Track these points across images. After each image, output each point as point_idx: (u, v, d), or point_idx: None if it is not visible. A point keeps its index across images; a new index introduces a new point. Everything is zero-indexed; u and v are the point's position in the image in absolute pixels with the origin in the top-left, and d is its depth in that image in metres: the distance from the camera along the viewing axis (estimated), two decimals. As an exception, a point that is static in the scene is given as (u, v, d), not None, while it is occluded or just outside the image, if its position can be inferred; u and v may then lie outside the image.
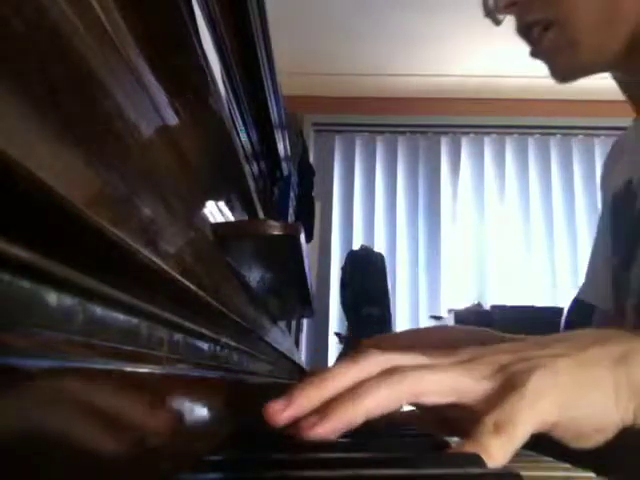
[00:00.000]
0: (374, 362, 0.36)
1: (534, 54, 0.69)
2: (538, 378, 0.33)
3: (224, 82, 0.64)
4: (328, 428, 0.32)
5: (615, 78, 0.71)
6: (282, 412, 0.33)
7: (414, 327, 3.11)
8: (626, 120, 0.78)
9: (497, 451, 0.31)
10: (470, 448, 0.31)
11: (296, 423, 0.33)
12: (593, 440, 0.36)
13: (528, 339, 0.40)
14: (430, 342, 0.64)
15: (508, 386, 0.34)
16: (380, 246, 3.13)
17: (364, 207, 3.28)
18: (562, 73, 0.69)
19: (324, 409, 0.33)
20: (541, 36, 0.65)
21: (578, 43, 0.63)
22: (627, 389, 0.36)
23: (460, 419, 0.36)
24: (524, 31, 0.67)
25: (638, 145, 0.71)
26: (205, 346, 0.38)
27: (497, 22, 0.71)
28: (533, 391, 0.33)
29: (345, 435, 0.34)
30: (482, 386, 0.34)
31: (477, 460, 0.31)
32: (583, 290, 0.75)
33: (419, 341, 0.67)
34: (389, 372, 0.34)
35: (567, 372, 0.35)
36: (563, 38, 0.64)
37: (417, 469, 0.29)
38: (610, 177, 0.77)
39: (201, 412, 0.36)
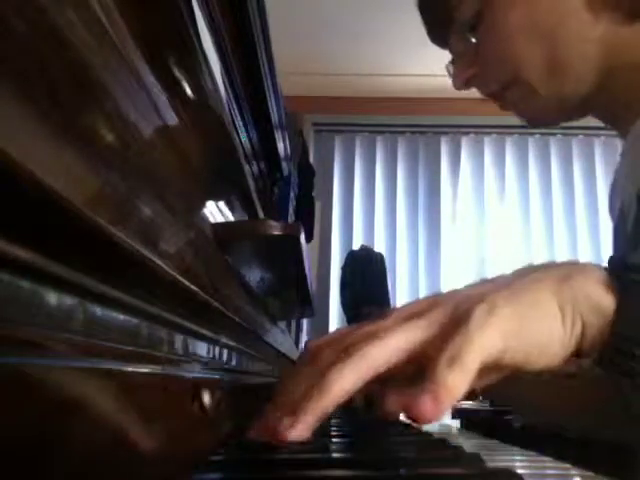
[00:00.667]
0: (325, 349, 0.37)
1: (504, 109, 0.75)
2: (479, 312, 0.35)
3: (224, 82, 0.64)
4: (302, 427, 0.32)
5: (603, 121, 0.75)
6: (292, 433, 0.33)
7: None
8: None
9: (453, 383, 0.32)
10: (430, 387, 0.32)
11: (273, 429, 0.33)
12: (542, 362, 0.37)
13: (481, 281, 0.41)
14: None
15: (454, 326, 0.35)
16: (380, 246, 3.13)
17: (364, 207, 3.28)
18: (535, 120, 0.74)
19: (294, 410, 0.33)
20: (503, 96, 0.72)
21: (537, 91, 0.68)
22: (572, 307, 0.37)
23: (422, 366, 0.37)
24: (491, 96, 0.74)
25: (621, 169, 0.72)
26: (205, 346, 0.38)
27: (463, 88, 0.77)
28: (475, 325, 0.34)
29: (345, 435, 0.34)
30: (430, 334, 0.36)
31: (477, 460, 0.31)
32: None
33: None
34: (344, 355, 0.35)
35: (507, 301, 0.36)
36: (522, 91, 0.69)
37: (417, 469, 0.29)
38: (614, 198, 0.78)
39: (201, 412, 0.36)
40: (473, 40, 0.70)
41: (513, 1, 0.65)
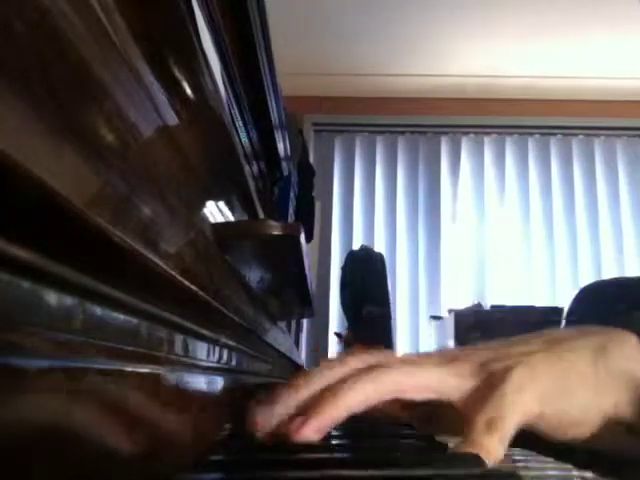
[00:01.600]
0: (358, 360, 0.37)
1: None
2: (517, 374, 0.35)
3: (224, 82, 0.64)
4: (313, 428, 0.33)
5: None
6: (261, 423, 0.34)
7: (414, 330, 3.11)
8: (625, 121, 0.77)
9: (493, 447, 0.33)
10: (469, 449, 0.32)
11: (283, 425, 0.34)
12: (575, 432, 0.37)
13: (508, 340, 0.41)
14: None
15: (489, 384, 0.35)
16: (380, 246, 3.13)
17: (364, 207, 3.28)
18: None
19: (307, 409, 0.33)
20: None
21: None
22: (607, 380, 0.36)
23: (443, 417, 0.38)
24: None
25: None
26: (205, 346, 0.38)
27: None
28: (514, 387, 0.34)
29: (346, 436, 0.34)
30: (463, 384, 0.35)
31: (477, 460, 0.31)
32: None
33: None
34: (370, 369, 0.35)
35: (545, 366, 0.36)
36: None
37: (417, 470, 0.29)
38: None
39: (201, 412, 0.36)
40: None
41: None
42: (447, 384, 0.36)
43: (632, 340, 0.38)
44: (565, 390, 0.36)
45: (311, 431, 0.33)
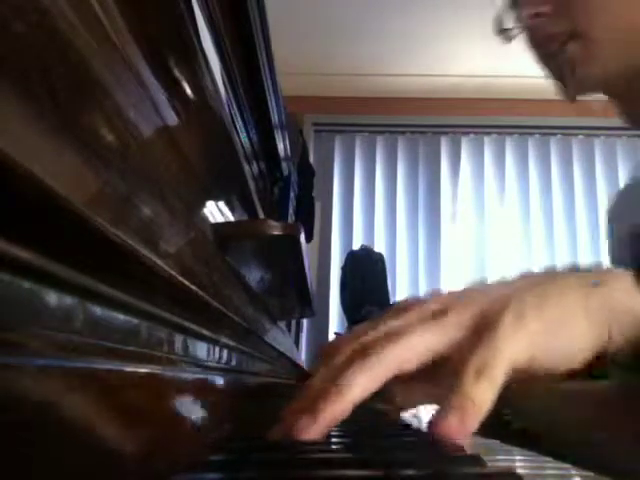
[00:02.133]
0: (347, 346, 0.35)
1: (546, 68, 0.68)
2: (507, 320, 0.34)
3: (224, 82, 0.64)
4: (320, 427, 0.32)
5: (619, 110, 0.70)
6: (310, 431, 0.33)
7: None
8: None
9: (481, 397, 0.32)
10: (457, 399, 0.32)
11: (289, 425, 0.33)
12: (563, 367, 0.36)
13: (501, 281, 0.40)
14: None
15: (479, 332, 0.34)
16: (380, 246, 3.13)
17: (364, 207, 3.28)
18: (576, 88, 0.67)
19: (312, 408, 0.33)
20: (562, 49, 0.64)
21: (599, 57, 0.62)
22: (600, 313, 0.36)
23: (442, 373, 0.36)
24: (543, 43, 0.66)
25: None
26: (205, 346, 0.38)
27: (509, 39, 0.70)
28: (504, 334, 0.33)
29: (346, 435, 0.34)
30: (455, 337, 0.35)
31: (477, 460, 0.31)
32: None
33: None
34: (362, 354, 0.34)
35: (536, 309, 0.35)
36: (585, 51, 0.62)
37: (417, 469, 0.29)
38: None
39: (201, 412, 0.36)
40: None
41: None
42: (439, 344, 0.35)
43: (627, 277, 0.38)
44: (557, 330, 0.36)
45: (318, 430, 0.33)
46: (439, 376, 0.36)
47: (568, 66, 0.64)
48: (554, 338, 0.35)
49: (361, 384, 0.33)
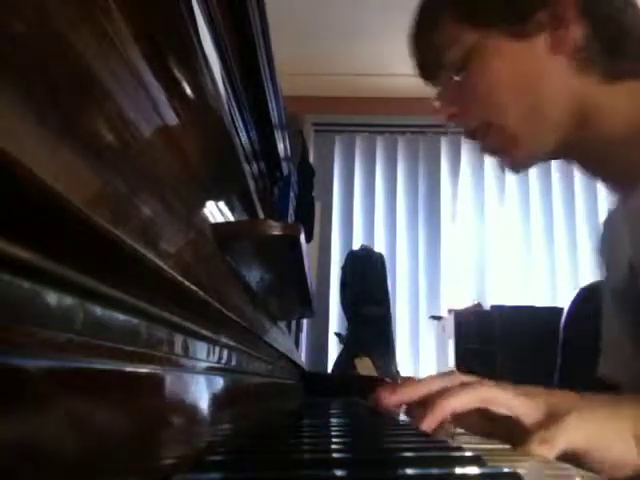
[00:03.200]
0: (456, 377, 0.53)
1: (483, 152, 0.76)
2: (576, 416, 0.48)
3: (224, 82, 0.64)
4: (431, 419, 0.48)
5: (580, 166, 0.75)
6: (389, 399, 0.51)
7: (414, 330, 3.11)
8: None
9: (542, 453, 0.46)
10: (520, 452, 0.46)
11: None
12: (609, 473, 0.49)
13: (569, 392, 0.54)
14: None
15: (552, 418, 0.49)
16: (380, 246, 3.13)
17: (364, 207, 3.28)
18: (512, 167, 0.75)
19: (426, 404, 0.49)
20: (484, 138, 0.73)
21: (516, 138, 0.69)
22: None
23: (508, 431, 0.50)
24: (470, 136, 0.76)
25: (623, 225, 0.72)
26: (205, 346, 0.38)
27: (445, 131, 0.82)
28: (568, 425, 0.48)
29: (347, 436, 0.34)
30: (533, 413, 0.49)
31: (477, 460, 0.31)
32: (602, 367, 0.78)
33: None
34: (469, 384, 0.51)
35: (598, 418, 0.50)
36: (502, 137, 0.70)
37: (418, 469, 0.29)
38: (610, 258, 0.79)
39: (201, 412, 0.36)
40: (457, 79, 0.72)
41: (498, 53, 0.68)
42: (522, 409, 0.50)
43: None
44: (607, 439, 0.49)
45: (431, 422, 0.48)
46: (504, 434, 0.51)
47: (497, 152, 0.74)
48: (606, 442, 0.49)
49: (461, 399, 0.49)
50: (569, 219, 3.22)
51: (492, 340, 2.46)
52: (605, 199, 3.21)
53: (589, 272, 3.08)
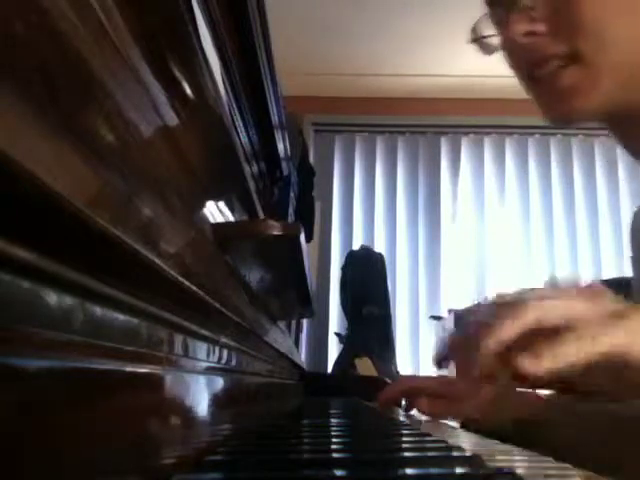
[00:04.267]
0: (585, 305, 0.42)
1: (536, 89, 0.63)
2: (632, 321, 0.39)
3: (224, 82, 0.64)
4: (546, 366, 0.37)
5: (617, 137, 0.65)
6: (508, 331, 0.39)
7: (414, 330, 3.11)
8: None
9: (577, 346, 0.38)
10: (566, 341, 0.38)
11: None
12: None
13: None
14: None
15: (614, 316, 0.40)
16: (380, 246, 3.13)
17: (364, 207, 3.28)
18: (566, 116, 0.62)
19: (534, 346, 0.38)
20: (559, 72, 0.58)
21: (602, 87, 0.57)
22: None
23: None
24: (536, 64, 0.60)
25: None
26: (205, 346, 0.38)
27: (489, 51, 0.64)
28: (628, 327, 0.39)
29: (347, 435, 0.34)
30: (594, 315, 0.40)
31: (477, 460, 0.31)
32: None
33: None
34: (584, 324, 0.39)
35: None
36: (587, 78, 0.57)
37: (418, 469, 0.29)
38: None
39: (201, 412, 0.36)
40: None
41: None
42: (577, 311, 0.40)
43: None
44: None
45: (542, 367, 0.37)
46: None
47: (565, 93, 0.59)
48: None
49: (581, 351, 0.38)
50: (569, 219, 3.22)
51: (492, 340, 2.45)
52: (605, 199, 3.22)
53: (589, 272, 3.08)
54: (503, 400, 0.48)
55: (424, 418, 0.70)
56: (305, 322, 2.95)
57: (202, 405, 0.36)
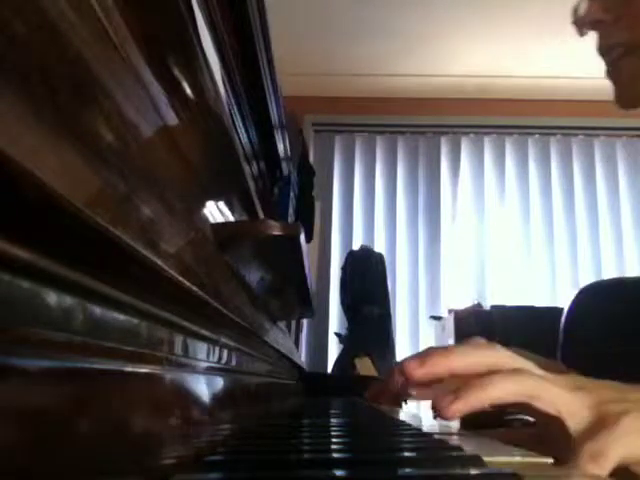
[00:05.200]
0: (496, 355, 0.44)
1: (608, 75, 0.66)
2: (629, 420, 0.39)
3: (224, 82, 0.64)
4: (460, 408, 0.39)
5: None
6: (417, 370, 0.42)
7: (414, 330, 3.11)
8: (625, 121, 0.77)
9: (593, 470, 0.37)
10: (574, 475, 0.37)
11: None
12: None
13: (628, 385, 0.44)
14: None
15: (603, 422, 0.39)
16: (380, 246, 3.13)
17: (364, 207, 3.28)
18: (631, 101, 0.65)
19: (457, 391, 0.40)
20: (621, 60, 0.62)
21: None
22: None
23: (554, 438, 0.42)
24: (605, 51, 0.64)
25: None
26: (205, 346, 0.38)
27: (581, 33, 0.67)
28: (623, 430, 0.38)
29: (347, 435, 0.34)
30: (582, 414, 0.40)
31: (477, 460, 0.31)
32: None
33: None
34: (515, 371, 0.42)
35: None
36: None
37: (418, 469, 0.29)
38: None
39: (200, 412, 0.36)
40: None
41: None
42: (570, 409, 0.40)
43: None
44: None
45: (458, 410, 0.39)
46: (550, 439, 0.42)
47: (625, 80, 0.63)
48: None
49: (501, 391, 0.40)
50: (569, 219, 3.22)
51: (492, 340, 2.45)
52: (605, 199, 3.22)
53: (589, 272, 3.08)
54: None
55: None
56: (305, 322, 2.95)
57: (202, 405, 0.36)
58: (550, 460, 0.41)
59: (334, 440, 0.44)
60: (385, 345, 2.74)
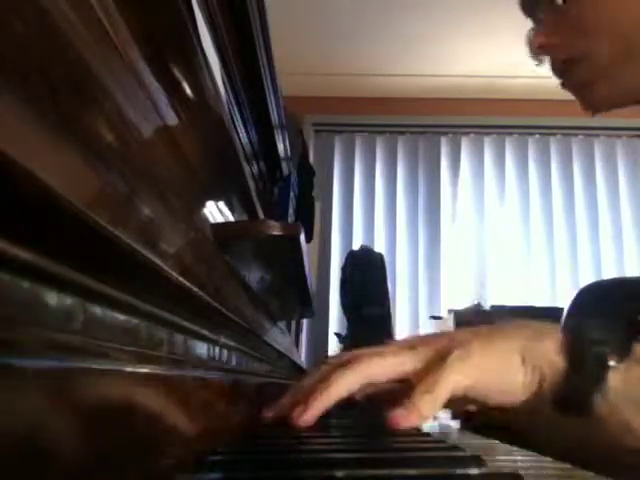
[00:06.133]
0: (337, 358, 0.49)
1: (565, 87, 0.72)
2: (455, 357, 0.45)
3: (224, 82, 0.64)
4: (310, 415, 0.43)
5: None
6: (304, 417, 0.44)
7: (414, 330, 3.11)
8: (625, 121, 0.77)
9: (425, 405, 0.43)
10: (406, 406, 0.43)
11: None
12: (502, 400, 0.47)
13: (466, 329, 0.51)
14: None
15: (435, 363, 0.46)
16: (380, 246, 3.13)
17: (364, 207, 3.28)
18: (592, 106, 0.70)
19: (305, 401, 0.44)
20: (569, 71, 0.68)
21: (604, 76, 0.65)
22: (533, 362, 0.46)
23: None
24: (559, 69, 0.70)
25: None
26: (205, 346, 0.38)
27: (538, 61, 0.73)
28: (449, 368, 0.45)
29: (346, 435, 0.34)
30: (417, 365, 0.46)
31: (477, 461, 0.31)
32: None
33: None
34: (347, 363, 0.46)
35: (479, 349, 0.46)
36: (590, 72, 0.66)
37: (418, 469, 0.29)
38: None
39: (200, 412, 0.36)
40: (560, 2, 0.66)
41: None
42: (405, 367, 0.46)
43: (556, 334, 0.48)
44: (490, 369, 0.46)
45: (308, 417, 0.43)
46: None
47: (580, 88, 0.69)
48: (492, 375, 0.46)
49: (340, 385, 0.45)
50: (569, 219, 3.22)
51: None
52: (605, 199, 3.22)
53: (589, 272, 3.08)
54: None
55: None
56: (305, 322, 2.95)
57: (202, 405, 0.36)
58: (549, 459, 0.41)
59: (334, 440, 0.44)
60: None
